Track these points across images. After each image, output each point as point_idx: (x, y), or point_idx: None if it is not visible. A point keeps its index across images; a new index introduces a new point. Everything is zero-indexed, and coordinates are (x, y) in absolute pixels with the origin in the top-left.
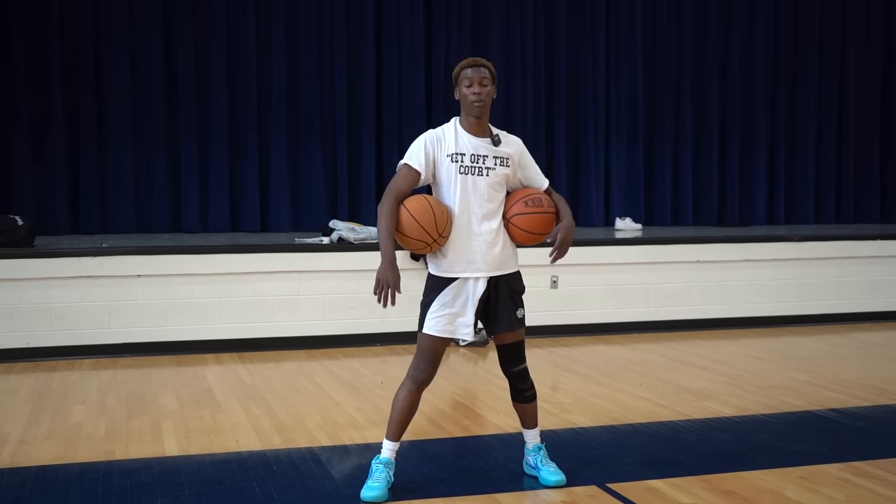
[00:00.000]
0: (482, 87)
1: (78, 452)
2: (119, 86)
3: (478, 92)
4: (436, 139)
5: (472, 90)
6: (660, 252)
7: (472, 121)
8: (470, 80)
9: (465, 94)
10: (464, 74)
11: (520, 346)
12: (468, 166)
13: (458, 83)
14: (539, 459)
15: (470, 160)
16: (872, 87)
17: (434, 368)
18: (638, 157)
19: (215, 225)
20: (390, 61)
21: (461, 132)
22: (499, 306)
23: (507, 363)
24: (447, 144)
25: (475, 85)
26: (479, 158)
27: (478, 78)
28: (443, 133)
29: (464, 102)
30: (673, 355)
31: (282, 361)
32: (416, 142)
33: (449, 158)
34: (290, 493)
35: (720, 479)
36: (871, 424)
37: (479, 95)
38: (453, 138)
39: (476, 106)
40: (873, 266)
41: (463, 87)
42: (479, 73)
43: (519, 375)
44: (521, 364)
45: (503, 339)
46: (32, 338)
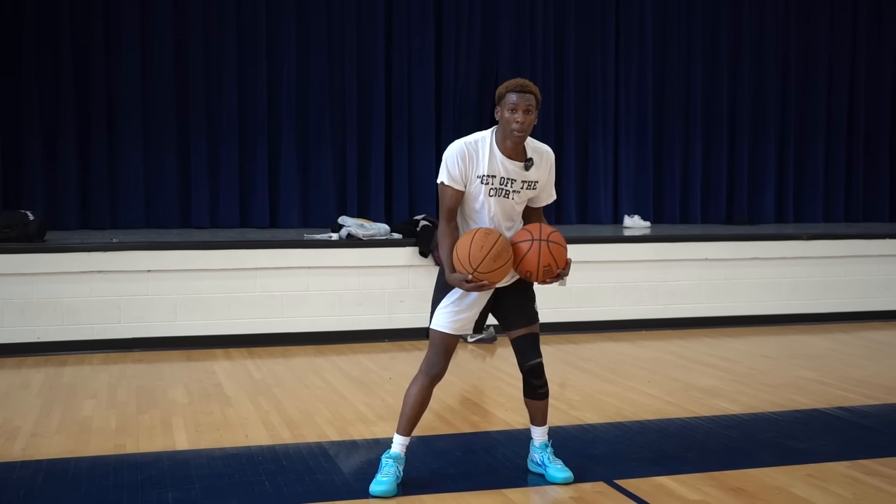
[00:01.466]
0: (526, 116)
1: (89, 446)
2: (130, 83)
3: (521, 121)
4: (468, 156)
5: (516, 118)
6: (668, 250)
7: (510, 144)
8: (515, 105)
9: (507, 118)
10: (508, 98)
11: (535, 339)
12: (497, 189)
13: (501, 105)
14: (546, 457)
15: (500, 182)
16: (883, 86)
17: (446, 363)
18: (647, 155)
19: (225, 221)
20: (400, 60)
21: (496, 152)
22: (513, 303)
23: (524, 356)
24: (479, 164)
25: (519, 112)
26: (509, 182)
27: (523, 105)
28: (476, 149)
29: (504, 125)
30: (681, 353)
31: (290, 357)
32: (449, 157)
33: (479, 179)
34: (300, 487)
35: (728, 476)
36: (879, 423)
37: (521, 124)
38: (487, 158)
39: (517, 134)
40: (882, 265)
41: (506, 110)
42: (525, 100)
43: (535, 371)
44: (538, 358)
45: (517, 333)
46: (43, 332)
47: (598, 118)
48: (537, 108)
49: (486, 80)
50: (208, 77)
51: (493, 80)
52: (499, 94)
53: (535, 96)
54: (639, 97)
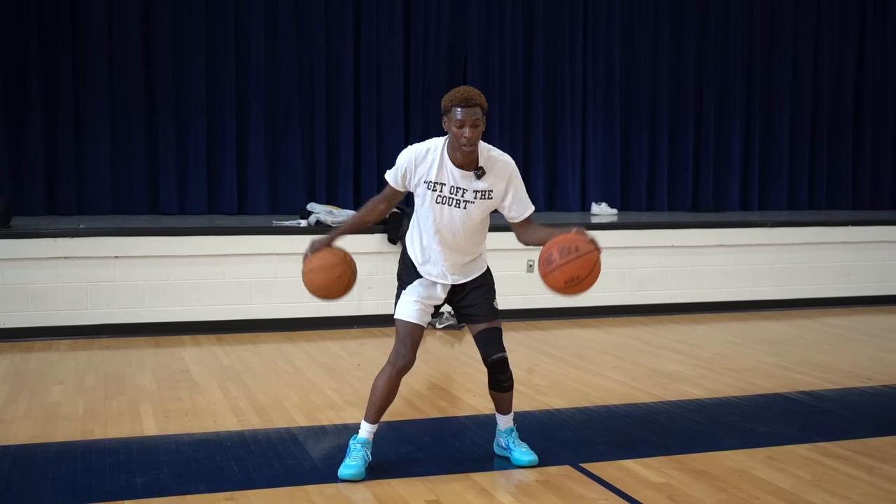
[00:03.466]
0: (473, 130)
1: (56, 432)
2: (96, 67)
3: (469, 136)
4: (416, 161)
5: (464, 133)
6: (635, 237)
7: (459, 155)
8: (461, 121)
9: (455, 133)
10: (454, 113)
11: (498, 333)
12: (446, 197)
13: (448, 118)
14: (511, 441)
15: (449, 191)
16: (846, 74)
17: (413, 354)
18: (614, 143)
19: (193, 207)
20: (369, 45)
21: (447, 161)
22: (472, 298)
23: (487, 351)
24: (428, 169)
25: (466, 128)
26: (459, 191)
27: (470, 120)
28: (425, 155)
29: (452, 139)
30: (647, 339)
31: (259, 343)
32: (400, 157)
33: (426, 185)
34: (269, 472)
35: (691, 459)
36: (839, 406)
37: (469, 139)
38: (437, 166)
39: (466, 149)
40: (844, 252)
41: (453, 125)
42: (471, 114)
43: (499, 366)
44: (501, 352)
45: (479, 328)
46: (9, 318)
47: (566, 105)
48: (484, 116)
49: (455, 66)
50: (176, 61)
51: (461, 65)
52: (444, 107)
53: (482, 107)
54: (606, 85)
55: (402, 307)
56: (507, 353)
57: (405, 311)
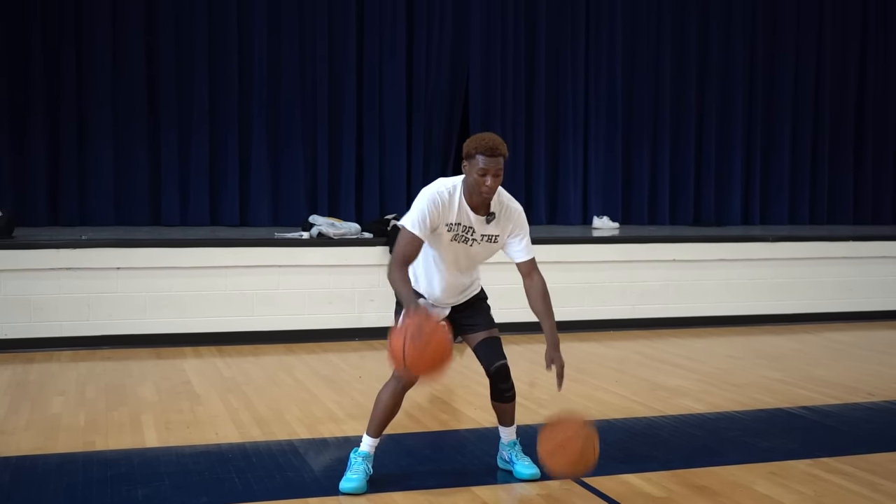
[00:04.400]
0: (495, 179)
1: (57, 443)
2: (100, 78)
3: (490, 185)
4: (440, 207)
5: (486, 181)
6: (636, 251)
7: (476, 200)
8: (484, 170)
9: (476, 180)
10: (478, 161)
11: (496, 342)
12: (458, 235)
13: (470, 164)
14: (514, 454)
15: (462, 230)
16: (848, 89)
17: None
18: (616, 157)
19: (195, 218)
20: (371, 57)
21: (464, 205)
22: (468, 313)
23: (488, 360)
24: (449, 214)
25: (489, 177)
26: (469, 230)
27: (493, 170)
28: (448, 200)
29: (472, 185)
30: (648, 353)
31: (260, 355)
32: (420, 204)
33: (447, 227)
34: (270, 485)
35: (692, 474)
36: (840, 422)
37: (490, 188)
38: (456, 209)
39: (486, 196)
40: (846, 267)
41: (475, 173)
42: (495, 163)
43: (501, 374)
44: (502, 360)
45: (478, 337)
46: (11, 329)
47: (568, 119)
48: (505, 163)
49: (457, 79)
50: (179, 73)
51: (464, 78)
52: (467, 152)
53: (505, 157)
54: (608, 99)
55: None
56: (507, 361)
57: None
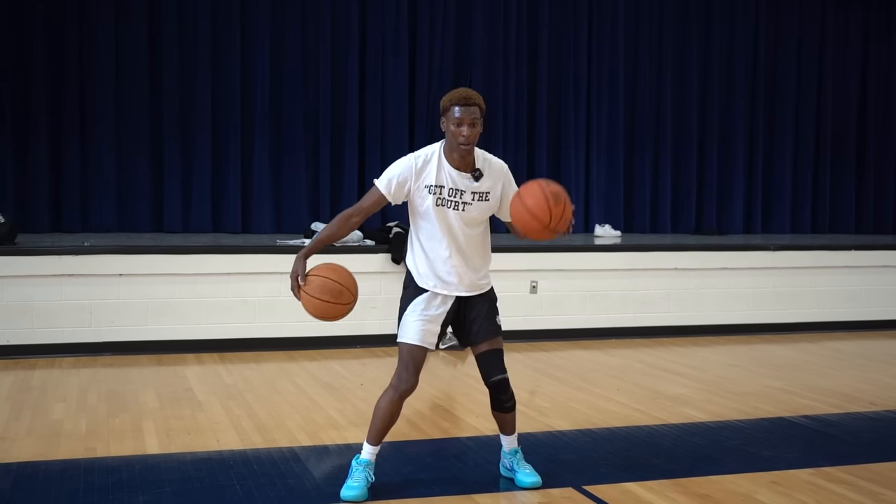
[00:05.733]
0: (471, 129)
1: (59, 449)
2: (102, 85)
3: (466, 134)
4: (415, 168)
5: (462, 131)
6: (638, 259)
7: (457, 156)
8: (459, 119)
9: (453, 132)
10: (453, 112)
11: (499, 354)
12: (446, 199)
13: (446, 117)
14: (515, 462)
15: (448, 193)
16: (849, 98)
17: (415, 378)
18: (618, 166)
19: (197, 225)
20: (374, 64)
21: (444, 163)
22: (475, 317)
23: (488, 372)
24: (427, 174)
25: (465, 126)
26: (457, 193)
27: (469, 119)
28: (424, 161)
29: (450, 138)
30: (650, 361)
31: (262, 362)
32: (395, 165)
33: (427, 189)
34: (271, 492)
35: (694, 483)
36: (842, 431)
37: (467, 137)
38: (435, 169)
39: (464, 147)
40: (847, 276)
41: (451, 124)
42: (469, 113)
43: (500, 386)
44: (502, 374)
45: (481, 348)
46: (13, 335)
47: (570, 127)
48: (482, 117)
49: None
50: (182, 81)
51: (466, 86)
52: (443, 107)
53: (480, 107)
54: (610, 107)
55: (405, 329)
56: (507, 374)
57: (408, 333)
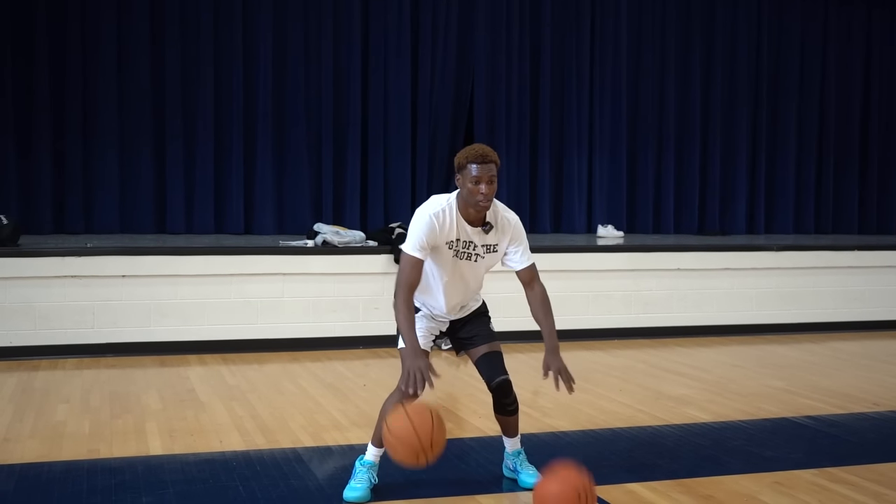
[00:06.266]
0: (489, 187)
1: (62, 451)
2: (105, 86)
3: (485, 193)
4: (437, 227)
5: (481, 189)
6: (641, 260)
7: (472, 212)
8: (478, 178)
9: (470, 189)
10: (471, 169)
11: (498, 357)
12: (461, 251)
13: (463, 175)
14: (518, 462)
15: (462, 246)
16: (852, 98)
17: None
18: (621, 166)
19: (200, 226)
20: (376, 65)
21: (461, 220)
22: (468, 327)
23: (490, 375)
24: (448, 231)
25: (483, 184)
26: (470, 245)
27: (486, 177)
28: (443, 217)
29: (468, 196)
30: (653, 362)
31: (265, 363)
32: (418, 228)
33: (447, 245)
34: (274, 493)
35: (697, 483)
36: (845, 432)
37: (486, 196)
38: (455, 226)
39: (482, 205)
40: (850, 276)
41: (468, 182)
42: (487, 171)
43: (502, 389)
44: (503, 375)
45: (479, 352)
46: (16, 336)
47: (573, 128)
48: (497, 173)
49: (462, 90)
50: (184, 82)
51: (468, 88)
52: (458, 164)
53: (496, 163)
54: (613, 108)
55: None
56: (509, 376)
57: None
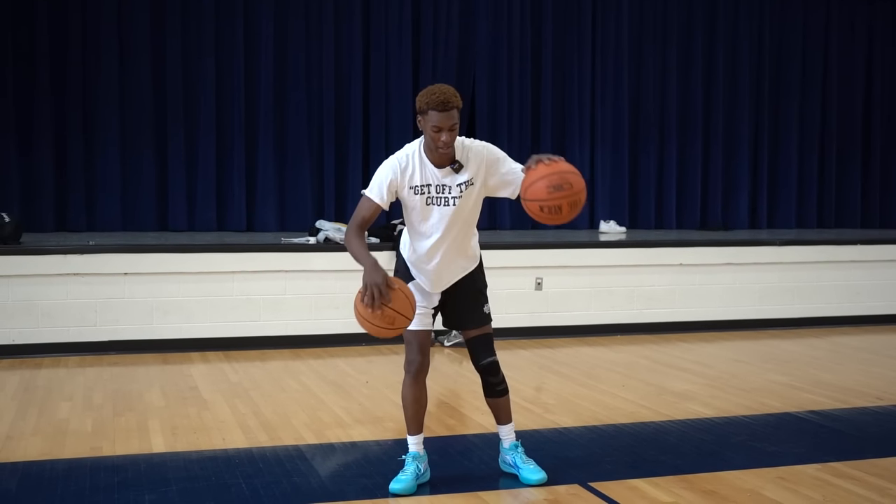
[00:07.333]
0: (451, 133)
1: (65, 448)
2: (107, 83)
3: (446, 140)
4: (399, 171)
5: (441, 137)
6: (643, 255)
7: (437, 156)
8: (438, 126)
9: (432, 136)
10: (431, 116)
11: (487, 339)
12: (435, 196)
13: (424, 120)
14: (517, 458)
15: (436, 191)
16: (855, 92)
17: (423, 357)
18: (622, 161)
19: (202, 224)
20: (378, 61)
21: (426, 163)
22: (461, 305)
23: (477, 356)
24: (411, 175)
25: (444, 132)
26: (444, 188)
27: (448, 124)
28: (407, 162)
29: (429, 142)
30: (655, 357)
31: (267, 360)
32: (379, 172)
33: (412, 190)
34: (277, 490)
35: (700, 479)
36: (848, 426)
37: (446, 143)
38: (418, 169)
39: (442, 152)
40: (853, 270)
41: (430, 130)
42: (449, 118)
43: (489, 369)
44: (491, 356)
45: (470, 334)
46: (18, 334)
47: (575, 124)
48: (460, 116)
49: (464, 86)
50: (186, 79)
51: (470, 84)
52: (420, 108)
53: (458, 108)
54: (615, 104)
55: None
56: (497, 357)
57: None
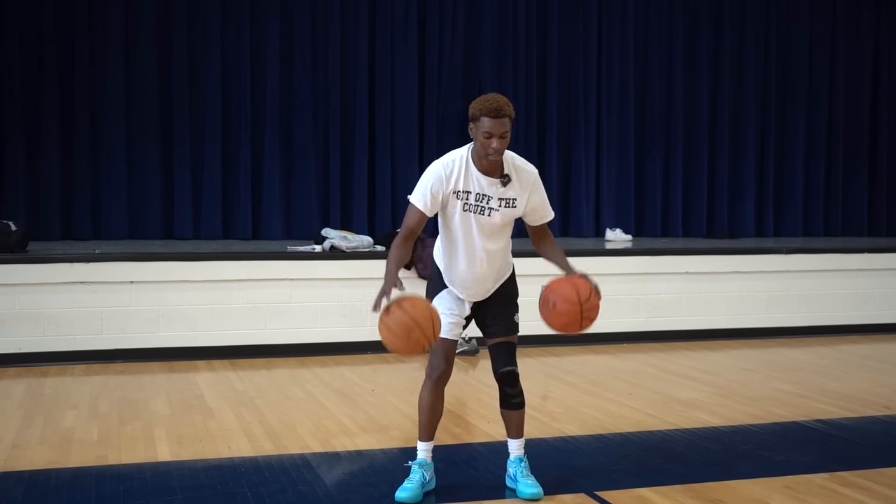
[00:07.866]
0: (501, 141)
1: (70, 457)
2: (113, 92)
3: (497, 147)
4: (444, 177)
5: (492, 144)
6: (649, 263)
7: (486, 163)
8: (489, 132)
9: (482, 142)
10: (483, 123)
11: (511, 348)
12: (473, 205)
13: (476, 126)
14: (519, 471)
15: (475, 199)
16: (861, 100)
17: (448, 365)
18: (628, 169)
19: (207, 232)
20: (383, 69)
21: (472, 168)
22: (493, 311)
23: (497, 364)
24: (455, 181)
25: (495, 139)
26: (484, 198)
27: (499, 131)
28: (452, 167)
29: (480, 148)
30: (662, 366)
31: (273, 368)
32: (425, 177)
33: (455, 195)
34: (282, 499)
35: (707, 488)
36: (856, 435)
37: (497, 150)
38: (463, 175)
39: (493, 158)
40: (860, 279)
41: (481, 136)
42: (500, 126)
43: (508, 378)
44: (510, 366)
45: (495, 341)
46: (24, 343)
47: (581, 131)
48: (511, 124)
49: (469, 93)
50: (192, 88)
51: (475, 90)
52: (472, 114)
53: (510, 117)
54: (620, 111)
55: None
56: (517, 368)
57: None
